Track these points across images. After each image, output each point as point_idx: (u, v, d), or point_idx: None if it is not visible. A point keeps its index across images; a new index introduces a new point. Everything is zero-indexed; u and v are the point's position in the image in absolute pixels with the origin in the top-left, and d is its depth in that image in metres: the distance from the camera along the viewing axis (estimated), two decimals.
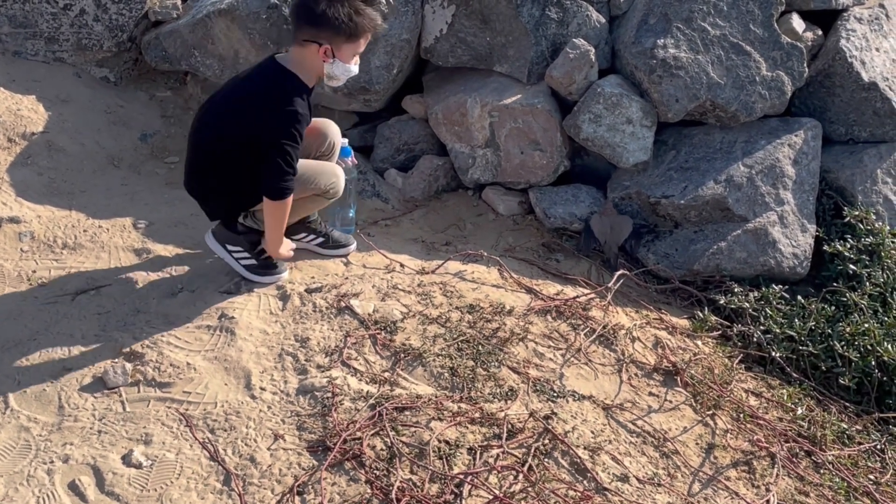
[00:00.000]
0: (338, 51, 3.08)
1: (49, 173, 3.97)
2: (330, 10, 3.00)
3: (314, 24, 3.04)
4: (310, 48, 3.08)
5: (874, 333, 3.50)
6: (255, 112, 3.09)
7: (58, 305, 3.22)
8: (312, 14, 3.02)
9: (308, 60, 3.12)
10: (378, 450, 2.60)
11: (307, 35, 3.07)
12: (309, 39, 3.07)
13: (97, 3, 4.47)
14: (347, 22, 3.02)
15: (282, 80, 3.11)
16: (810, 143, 4.03)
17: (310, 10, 3.03)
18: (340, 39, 3.06)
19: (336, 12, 3.00)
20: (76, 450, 2.58)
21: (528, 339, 3.22)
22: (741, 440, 3.03)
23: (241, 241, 3.34)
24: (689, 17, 4.02)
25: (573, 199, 4.05)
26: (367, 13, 3.07)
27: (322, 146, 3.47)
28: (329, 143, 3.49)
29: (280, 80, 3.11)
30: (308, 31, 3.06)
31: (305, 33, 3.07)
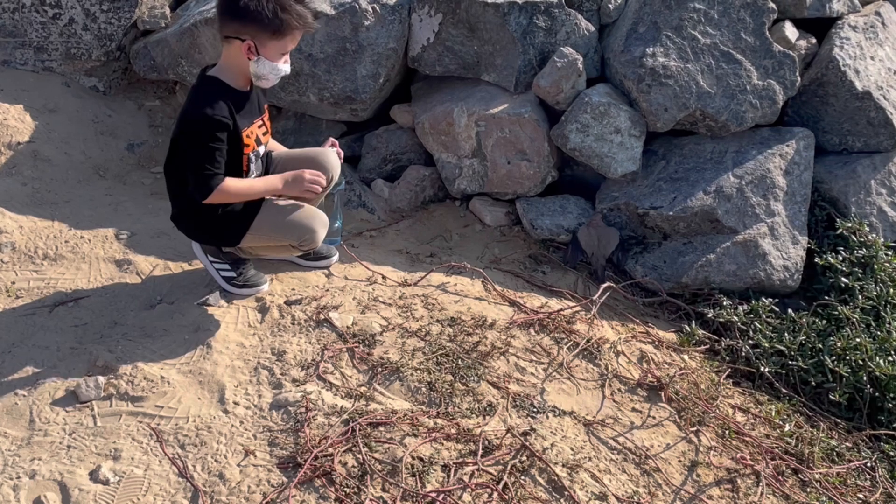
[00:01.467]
0: (262, 47, 2.92)
1: (33, 183, 3.95)
2: (253, 4, 2.83)
3: (237, 17, 2.87)
4: (233, 45, 2.93)
5: (866, 348, 3.44)
6: (177, 128, 3.02)
7: (35, 317, 3.18)
8: (235, 7, 2.85)
9: (233, 59, 2.96)
10: (349, 467, 2.55)
11: (230, 30, 2.91)
12: (231, 35, 2.92)
13: (86, 12, 4.45)
14: (272, 17, 2.85)
15: (200, 88, 3.00)
16: (802, 154, 3.97)
17: (232, 3, 2.86)
18: (265, 35, 2.89)
19: (259, 6, 2.83)
20: (44, 465, 2.54)
21: (510, 353, 3.17)
22: (725, 458, 2.97)
23: (224, 256, 3.31)
24: (679, 25, 3.97)
25: (561, 210, 4.00)
26: (294, 9, 2.89)
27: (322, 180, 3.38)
28: (329, 177, 3.32)
29: (199, 89, 3.00)
30: (231, 25, 2.90)
31: (228, 28, 2.92)
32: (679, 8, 3.99)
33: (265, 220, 3.17)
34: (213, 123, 2.92)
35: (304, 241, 3.20)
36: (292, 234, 3.18)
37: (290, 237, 3.19)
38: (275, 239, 3.23)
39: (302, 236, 3.19)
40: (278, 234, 3.19)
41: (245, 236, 3.18)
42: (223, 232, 3.20)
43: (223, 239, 3.24)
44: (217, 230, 3.20)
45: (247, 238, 3.19)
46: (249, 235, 3.18)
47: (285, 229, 3.18)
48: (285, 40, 2.95)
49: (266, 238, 3.22)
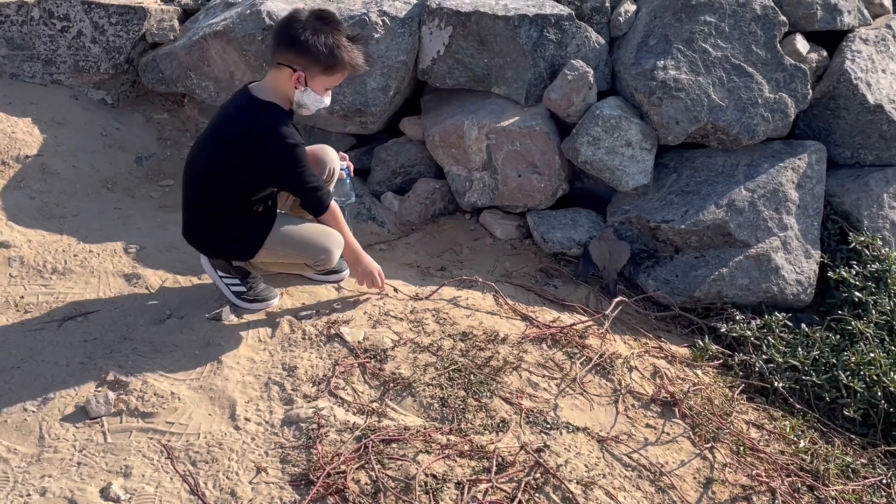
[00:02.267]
0: (311, 80, 3.01)
1: (42, 197, 3.93)
2: (312, 38, 2.93)
3: (293, 48, 2.96)
4: (283, 71, 3.01)
5: (880, 363, 3.41)
6: (251, 157, 3.01)
7: (44, 332, 3.16)
8: (294, 38, 2.95)
9: (280, 84, 3.04)
10: (362, 484, 2.53)
11: (283, 58, 2.99)
12: (283, 63, 2.99)
13: (94, 25, 4.45)
14: (327, 53, 2.95)
15: (264, 115, 3.02)
16: (814, 167, 3.95)
17: (292, 33, 2.96)
18: (316, 69, 2.99)
19: (318, 41, 2.94)
20: (54, 482, 2.51)
21: (522, 369, 3.15)
22: (741, 474, 2.94)
23: (234, 271, 3.29)
24: (690, 38, 3.96)
25: (572, 223, 3.98)
26: (348, 49, 3.00)
27: (323, 174, 3.40)
28: (329, 170, 3.42)
29: (262, 116, 3.02)
30: (285, 54, 2.98)
31: (282, 56, 2.99)
32: (690, 21, 3.98)
33: (281, 236, 3.18)
34: (300, 143, 3.04)
35: (319, 260, 3.22)
36: (308, 252, 3.20)
37: (305, 255, 3.21)
38: (290, 256, 3.23)
39: (318, 256, 3.20)
40: (294, 251, 3.21)
41: (260, 251, 3.18)
42: (238, 246, 3.20)
43: (237, 253, 3.23)
44: (232, 244, 3.20)
45: (261, 253, 3.19)
46: (264, 251, 3.18)
47: (301, 247, 3.20)
48: (334, 76, 3.05)
49: (281, 255, 3.22)
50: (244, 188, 3.09)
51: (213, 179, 3.10)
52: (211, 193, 3.13)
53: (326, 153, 3.43)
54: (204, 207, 3.17)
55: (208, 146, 3.12)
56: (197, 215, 3.21)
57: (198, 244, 3.27)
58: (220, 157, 3.07)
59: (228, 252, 3.25)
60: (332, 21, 3.01)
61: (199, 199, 3.18)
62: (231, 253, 3.25)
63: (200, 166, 3.15)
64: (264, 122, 3.01)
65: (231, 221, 3.15)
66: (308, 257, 3.21)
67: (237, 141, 3.03)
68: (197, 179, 3.16)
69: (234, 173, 3.05)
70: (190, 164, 3.20)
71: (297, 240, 3.20)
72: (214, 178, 3.10)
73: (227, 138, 3.06)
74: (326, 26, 2.97)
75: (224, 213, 3.14)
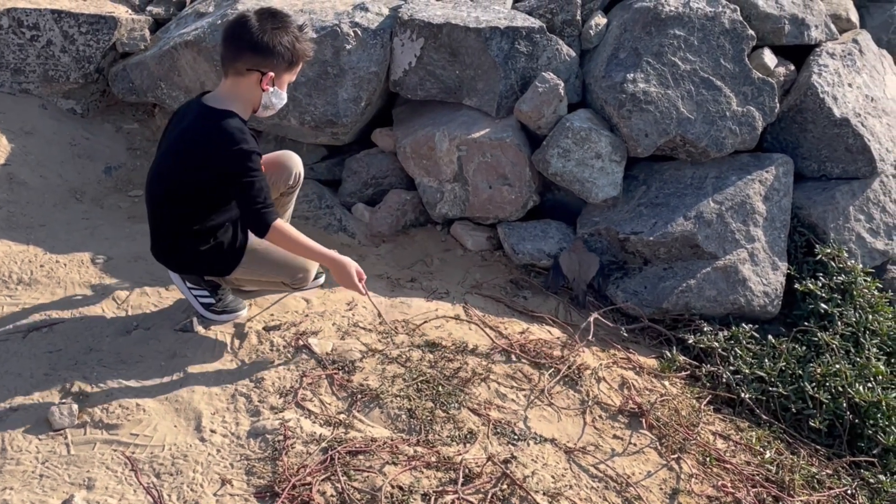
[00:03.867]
0: (278, 79, 3.03)
1: (8, 207, 3.89)
2: (274, 38, 2.94)
3: (257, 51, 2.95)
4: (250, 77, 2.98)
5: (846, 374, 3.44)
6: (203, 163, 2.98)
7: (8, 343, 3.13)
8: (256, 42, 2.93)
9: (244, 90, 3.01)
10: (328, 496, 2.52)
11: (249, 64, 2.96)
12: (252, 68, 2.97)
13: (64, 34, 4.42)
14: (290, 49, 2.98)
15: (219, 121, 2.97)
16: (781, 180, 3.99)
17: (253, 37, 2.93)
18: (282, 67, 3.01)
19: (279, 39, 2.95)
20: (15, 495, 2.48)
21: (491, 380, 3.15)
22: (707, 485, 2.96)
23: (203, 283, 3.26)
24: (660, 51, 3.99)
25: (542, 234, 3.99)
26: (303, 40, 3.05)
27: (289, 179, 3.38)
28: (295, 175, 3.40)
29: (218, 121, 2.97)
30: (250, 58, 2.96)
31: (247, 62, 2.96)
32: (659, 34, 4.02)
33: (258, 255, 3.16)
34: (256, 157, 2.97)
35: (297, 279, 3.23)
36: (286, 272, 3.20)
37: (283, 275, 3.21)
38: (267, 275, 3.22)
39: (295, 275, 3.21)
40: (272, 270, 3.20)
41: (236, 269, 3.16)
42: (213, 263, 3.17)
43: (213, 270, 3.20)
44: (207, 261, 3.16)
45: (238, 271, 3.17)
46: (241, 269, 3.16)
47: (279, 266, 3.20)
48: (295, 70, 3.10)
49: (258, 273, 3.21)
50: (209, 201, 3.05)
51: (178, 196, 3.05)
52: (178, 211, 3.07)
53: (290, 158, 3.41)
54: (172, 226, 3.11)
55: (167, 161, 3.08)
56: (165, 233, 3.15)
57: (168, 262, 3.22)
58: (179, 170, 3.03)
59: (202, 270, 3.21)
60: (283, 17, 3.03)
61: (166, 217, 3.12)
62: (204, 271, 3.22)
63: (162, 183, 3.09)
64: (221, 127, 2.96)
65: (203, 239, 3.10)
66: (286, 276, 3.21)
67: (194, 152, 2.99)
68: (162, 197, 3.10)
69: (195, 186, 3.01)
70: (150, 182, 3.15)
71: (275, 259, 3.18)
72: (179, 194, 3.05)
73: (186, 150, 3.03)
74: (282, 23, 2.99)
75: (194, 230, 3.08)
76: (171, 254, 3.19)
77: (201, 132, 2.99)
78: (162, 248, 3.19)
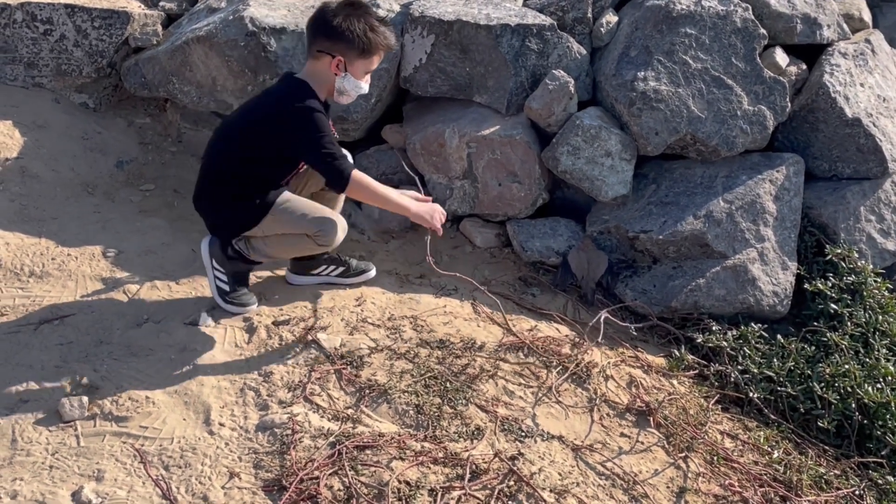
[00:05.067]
0: (350, 65, 3.17)
1: (21, 200, 3.92)
2: (346, 23, 3.10)
3: (329, 35, 3.13)
4: (322, 60, 3.16)
5: (855, 375, 3.43)
6: (269, 121, 3.16)
7: (20, 335, 3.15)
8: (328, 26, 3.12)
9: (320, 73, 3.18)
10: (335, 490, 2.53)
11: (321, 46, 3.15)
12: (322, 51, 3.15)
13: (77, 28, 4.44)
14: (362, 36, 3.13)
15: (292, 87, 3.19)
16: (792, 179, 3.98)
17: (326, 21, 3.13)
18: (353, 54, 3.15)
19: (351, 25, 3.10)
20: (25, 486, 2.50)
21: (499, 377, 3.15)
22: (714, 484, 2.96)
23: (227, 266, 3.32)
24: (671, 49, 3.99)
25: (551, 232, 3.99)
26: (381, 31, 3.18)
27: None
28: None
29: (290, 87, 3.20)
30: (322, 42, 3.15)
31: (320, 44, 3.16)
32: (671, 33, 4.01)
33: (288, 203, 3.25)
34: (321, 116, 3.13)
35: (320, 231, 3.24)
36: (312, 223, 3.25)
37: (309, 226, 3.24)
38: (293, 225, 3.25)
39: (321, 226, 3.24)
40: (298, 220, 3.24)
41: (265, 218, 3.23)
42: (244, 215, 3.26)
43: (244, 218, 3.27)
44: (239, 213, 3.26)
45: (266, 221, 3.24)
46: (270, 217, 3.23)
47: (306, 216, 3.25)
48: (371, 59, 3.22)
49: (285, 222, 3.24)
50: (264, 158, 3.19)
51: (235, 146, 3.23)
52: (230, 159, 3.24)
53: None
54: (220, 173, 3.27)
55: (238, 115, 3.34)
56: (212, 180, 3.30)
57: (206, 210, 3.36)
58: (244, 124, 3.25)
59: (235, 218, 3.28)
60: (361, 6, 3.21)
61: (217, 164, 3.28)
62: (235, 225, 3.29)
63: (226, 132, 3.31)
64: (291, 92, 3.17)
65: (246, 190, 3.22)
66: (311, 227, 3.23)
67: (263, 108, 3.22)
68: (221, 143, 3.29)
69: (255, 139, 3.18)
70: (217, 129, 3.38)
71: (303, 209, 3.26)
72: (238, 144, 3.23)
73: (256, 106, 3.27)
74: (357, 11, 3.15)
75: (239, 179, 3.22)
76: (209, 202, 3.34)
77: (275, 92, 3.28)
78: (201, 195, 3.35)
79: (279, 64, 4.15)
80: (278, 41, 4.15)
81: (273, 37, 4.14)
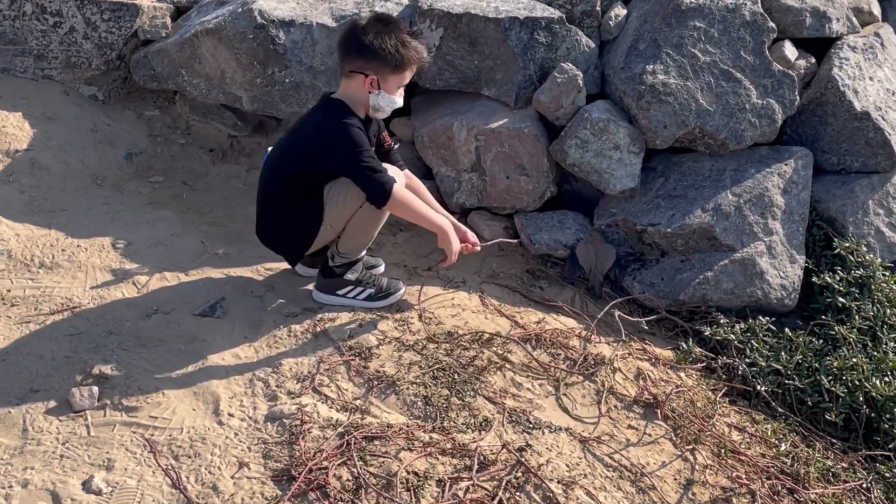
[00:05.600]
0: (383, 82, 3.15)
1: (30, 191, 3.94)
2: (377, 41, 3.08)
3: (361, 54, 3.11)
4: (356, 79, 3.15)
5: (863, 368, 3.43)
6: (308, 143, 3.18)
7: (30, 325, 3.17)
8: (360, 45, 3.10)
9: (355, 91, 3.18)
10: (344, 480, 2.54)
11: (354, 66, 3.14)
12: (355, 70, 3.14)
13: (87, 21, 4.46)
14: (394, 53, 3.10)
15: (329, 108, 3.20)
16: (801, 173, 3.98)
17: (358, 40, 3.11)
18: (386, 70, 3.13)
19: (383, 43, 3.08)
20: (36, 475, 2.52)
21: (507, 369, 3.16)
22: (721, 476, 2.96)
23: (346, 281, 3.33)
24: (680, 43, 3.98)
25: (559, 225, 4.00)
26: (413, 46, 3.15)
27: None
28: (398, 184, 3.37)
29: (327, 108, 3.21)
30: (355, 61, 3.14)
31: (353, 64, 3.15)
32: (679, 26, 4.01)
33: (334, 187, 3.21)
34: (358, 128, 3.14)
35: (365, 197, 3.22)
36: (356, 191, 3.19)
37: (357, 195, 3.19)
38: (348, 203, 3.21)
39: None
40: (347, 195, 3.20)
41: (325, 210, 3.23)
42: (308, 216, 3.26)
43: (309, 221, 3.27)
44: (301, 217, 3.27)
45: (328, 212, 3.23)
46: (328, 207, 3.22)
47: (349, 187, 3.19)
48: (404, 74, 3.21)
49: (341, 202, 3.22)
50: (312, 178, 3.21)
51: (282, 171, 3.25)
52: (280, 186, 3.26)
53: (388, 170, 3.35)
54: (278, 200, 3.28)
55: (284, 143, 3.34)
56: (269, 209, 3.32)
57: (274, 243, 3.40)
58: (290, 150, 3.27)
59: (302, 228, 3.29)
60: (391, 21, 3.19)
61: (271, 192, 3.30)
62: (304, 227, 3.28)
63: (273, 162, 3.31)
64: (329, 113, 3.18)
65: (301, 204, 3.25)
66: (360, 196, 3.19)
67: (304, 131, 3.24)
68: (270, 173, 3.31)
69: (301, 161, 3.20)
70: (266, 162, 3.37)
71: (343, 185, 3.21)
72: (285, 169, 3.25)
73: (299, 130, 3.30)
74: (388, 27, 3.13)
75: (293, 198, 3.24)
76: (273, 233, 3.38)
77: (315, 115, 3.27)
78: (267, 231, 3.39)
79: (288, 56, 4.16)
80: (287, 34, 4.16)
81: (282, 29, 4.15)
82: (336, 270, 3.33)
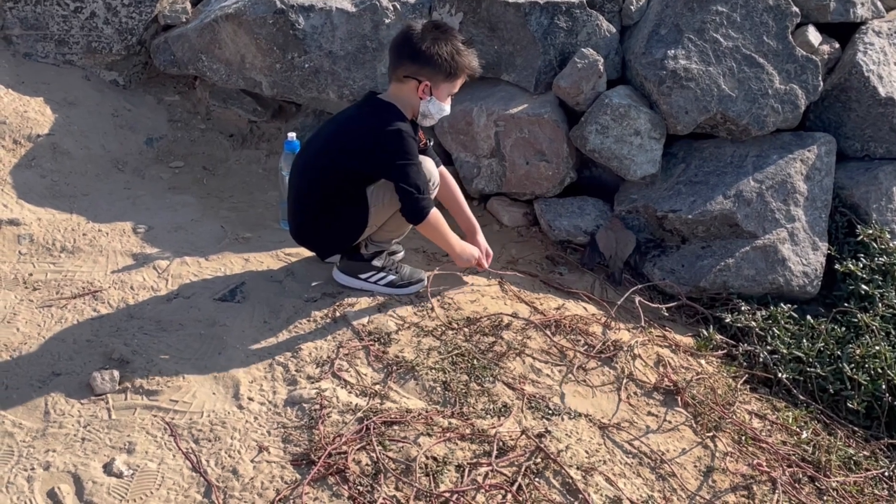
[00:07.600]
0: (436, 89, 3.16)
1: (52, 176, 3.96)
2: (433, 48, 3.08)
3: (415, 59, 3.11)
4: (408, 84, 3.16)
5: (885, 356, 3.40)
6: (360, 144, 3.14)
7: (52, 309, 3.19)
8: (415, 51, 3.10)
9: (405, 96, 3.18)
10: (363, 465, 2.54)
11: (408, 71, 3.14)
12: (409, 76, 3.14)
13: (108, 6, 4.47)
14: (449, 60, 3.11)
15: (381, 109, 3.17)
16: (823, 159, 3.94)
17: (413, 46, 3.10)
18: (440, 78, 3.14)
19: (439, 50, 3.09)
20: (58, 457, 2.54)
21: (526, 355, 3.15)
22: (741, 464, 2.95)
23: (371, 266, 3.33)
24: (702, 28, 3.95)
25: (579, 211, 3.98)
26: (466, 54, 3.16)
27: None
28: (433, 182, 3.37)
29: (379, 110, 3.18)
30: (409, 67, 3.13)
31: (406, 69, 3.14)
32: (701, 10, 3.97)
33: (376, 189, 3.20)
34: (410, 137, 3.13)
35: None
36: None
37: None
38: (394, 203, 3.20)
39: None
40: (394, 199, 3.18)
41: (370, 211, 3.21)
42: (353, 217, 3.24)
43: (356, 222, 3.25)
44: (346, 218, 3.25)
45: (373, 213, 3.22)
46: (373, 209, 3.21)
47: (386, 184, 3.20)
48: (456, 82, 3.22)
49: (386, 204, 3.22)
50: (358, 179, 3.18)
51: (332, 168, 3.19)
52: (327, 185, 3.20)
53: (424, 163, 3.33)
54: (312, 196, 3.24)
55: (324, 138, 3.28)
56: (312, 210, 3.26)
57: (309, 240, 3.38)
58: (337, 146, 3.19)
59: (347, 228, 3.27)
60: (447, 29, 3.19)
61: (308, 189, 3.25)
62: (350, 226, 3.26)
63: (314, 156, 3.27)
64: (380, 114, 3.14)
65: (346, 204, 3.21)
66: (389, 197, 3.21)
67: (354, 132, 3.18)
68: (314, 172, 3.24)
69: (348, 161, 3.16)
70: (301, 155, 3.35)
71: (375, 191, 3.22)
72: (331, 170, 3.19)
73: (345, 131, 3.22)
74: (444, 35, 3.13)
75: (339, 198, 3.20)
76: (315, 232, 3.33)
77: (362, 117, 3.21)
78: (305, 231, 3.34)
79: (307, 42, 4.16)
80: (307, 19, 4.15)
81: (301, 14, 4.15)
82: (364, 255, 3.33)
